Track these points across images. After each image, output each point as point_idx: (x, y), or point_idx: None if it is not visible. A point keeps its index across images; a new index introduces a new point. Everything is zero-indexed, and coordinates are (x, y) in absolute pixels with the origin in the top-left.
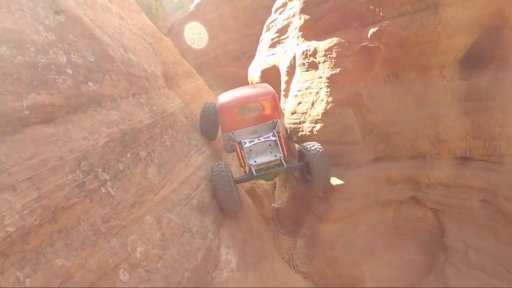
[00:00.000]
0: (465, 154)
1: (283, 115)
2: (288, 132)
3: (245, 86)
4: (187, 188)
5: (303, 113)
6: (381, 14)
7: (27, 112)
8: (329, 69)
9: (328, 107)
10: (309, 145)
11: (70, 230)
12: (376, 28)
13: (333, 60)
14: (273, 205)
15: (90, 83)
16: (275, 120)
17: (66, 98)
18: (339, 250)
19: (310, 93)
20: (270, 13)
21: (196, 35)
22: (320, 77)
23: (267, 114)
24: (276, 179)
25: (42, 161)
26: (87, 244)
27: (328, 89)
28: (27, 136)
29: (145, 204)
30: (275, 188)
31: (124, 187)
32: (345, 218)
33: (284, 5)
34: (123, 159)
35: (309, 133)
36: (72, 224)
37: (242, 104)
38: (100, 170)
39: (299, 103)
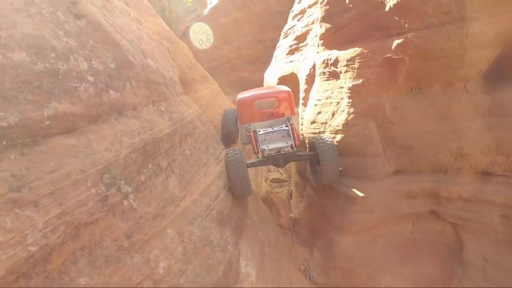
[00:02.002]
0: (487, 169)
1: (298, 114)
2: (306, 141)
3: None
4: (207, 198)
5: (323, 123)
6: (406, 25)
7: (47, 122)
8: (351, 79)
9: (350, 118)
10: (319, 136)
11: (93, 247)
12: (401, 40)
13: (355, 70)
14: (290, 214)
15: (111, 91)
16: (289, 116)
17: (87, 107)
18: (356, 262)
19: (330, 103)
20: (285, 18)
21: (204, 36)
22: (341, 87)
23: (282, 110)
24: (293, 189)
25: (64, 175)
26: (111, 261)
27: (350, 100)
28: (48, 148)
29: (167, 216)
30: (291, 197)
31: (146, 199)
32: (363, 230)
33: (302, 12)
34: (144, 170)
35: None
36: (95, 241)
37: (259, 99)
38: (122, 182)
39: (319, 112)
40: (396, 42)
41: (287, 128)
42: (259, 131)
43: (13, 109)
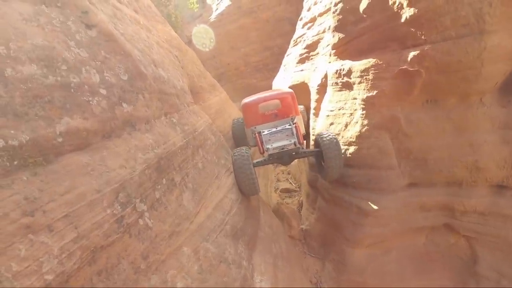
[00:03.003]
0: (502, 182)
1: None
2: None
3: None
4: (220, 213)
5: (335, 135)
6: (423, 37)
7: (60, 140)
8: (365, 90)
9: (363, 130)
10: (324, 134)
11: (110, 271)
12: (418, 52)
13: (369, 81)
14: (301, 226)
15: (124, 104)
16: (293, 116)
17: (100, 122)
18: (369, 275)
19: (343, 114)
20: (293, 25)
21: (207, 39)
22: (355, 98)
23: (285, 111)
24: (304, 199)
25: (78, 196)
26: (128, 284)
27: (364, 112)
28: (61, 166)
29: (182, 234)
30: (301, 207)
31: (161, 217)
32: (376, 243)
33: (313, 20)
34: (159, 186)
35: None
36: (112, 264)
37: (262, 102)
38: (137, 200)
39: (331, 123)
40: (412, 54)
41: (290, 126)
42: (264, 131)
43: (24, 126)
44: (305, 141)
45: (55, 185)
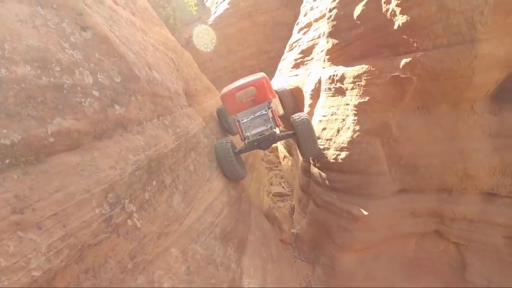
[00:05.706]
0: (492, 190)
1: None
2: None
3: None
4: (211, 215)
5: (327, 140)
6: (415, 44)
7: (52, 139)
8: (357, 96)
9: (355, 135)
10: (296, 115)
11: (97, 269)
12: (409, 59)
13: (361, 87)
14: (292, 230)
15: (116, 106)
16: (269, 100)
17: (92, 123)
18: (358, 280)
19: (335, 119)
20: (290, 30)
21: (209, 40)
22: (347, 104)
23: (261, 96)
24: (295, 204)
25: (68, 195)
26: (115, 283)
27: (356, 117)
28: (52, 166)
29: (171, 235)
30: (293, 211)
31: (150, 218)
32: (366, 248)
33: (308, 25)
34: (148, 188)
35: (333, 160)
36: (100, 263)
37: (239, 90)
38: (126, 201)
39: (324, 128)
40: (404, 61)
41: (266, 112)
42: (243, 119)
43: (16, 126)
44: None
45: (45, 184)
